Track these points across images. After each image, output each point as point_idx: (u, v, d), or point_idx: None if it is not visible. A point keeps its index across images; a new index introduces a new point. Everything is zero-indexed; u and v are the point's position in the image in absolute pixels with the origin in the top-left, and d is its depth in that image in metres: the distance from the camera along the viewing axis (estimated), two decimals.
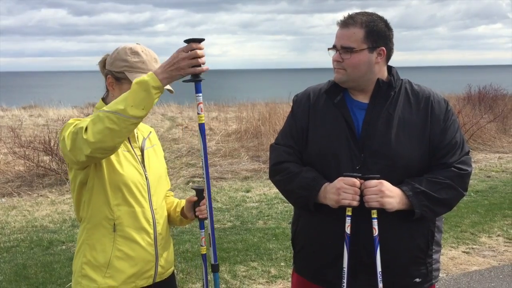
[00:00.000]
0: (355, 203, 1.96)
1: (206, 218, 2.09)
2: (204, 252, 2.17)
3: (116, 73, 1.99)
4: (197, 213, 2.14)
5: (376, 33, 2.02)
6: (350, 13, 2.08)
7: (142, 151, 2.07)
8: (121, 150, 1.97)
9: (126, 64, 1.97)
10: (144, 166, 2.04)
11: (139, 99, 1.69)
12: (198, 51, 1.76)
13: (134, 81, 1.72)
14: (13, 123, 12.96)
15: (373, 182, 1.96)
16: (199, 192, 2.09)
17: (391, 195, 1.95)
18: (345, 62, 2.04)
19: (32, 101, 18.67)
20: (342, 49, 2.03)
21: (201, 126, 1.97)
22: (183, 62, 1.73)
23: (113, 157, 1.93)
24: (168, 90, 1.93)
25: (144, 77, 1.72)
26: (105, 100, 2.05)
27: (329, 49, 2.10)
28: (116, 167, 1.94)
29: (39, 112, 16.20)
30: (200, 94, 1.92)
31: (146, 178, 2.03)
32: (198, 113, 1.95)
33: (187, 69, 1.75)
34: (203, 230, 2.15)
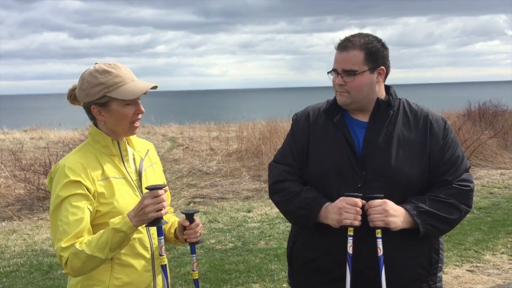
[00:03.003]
0: (357, 223, 1.96)
1: (196, 243, 2.05)
2: (196, 277, 2.10)
3: (97, 100, 1.90)
4: (184, 237, 2.07)
5: (375, 53, 2.05)
6: (346, 36, 2.09)
7: (140, 174, 2.02)
8: (115, 178, 1.93)
9: (103, 87, 1.88)
10: (141, 191, 1.99)
11: (118, 243, 1.81)
12: (162, 197, 1.87)
13: (111, 227, 1.80)
14: (14, 146, 12.96)
15: (377, 201, 1.96)
16: (189, 216, 2.05)
17: (395, 214, 1.96)
18: (348, 85, 2.05)
19: (33, 123, 18.69)
20: (344, 73, 2.05)
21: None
22: (148, 208, 1.82)
23: (107, 189, 1.89)
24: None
25: (121, 226, 1.80)
26: (98, 126, 1.98)
27: (328, 72, 2.12)
28: (112, 201, 1.89)
29: (40, 134, 16.21)
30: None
31: None
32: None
33: (152, 214, 1.83)
34: (194, 255, 2.09)
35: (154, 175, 2.10)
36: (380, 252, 1.98)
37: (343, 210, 1.96)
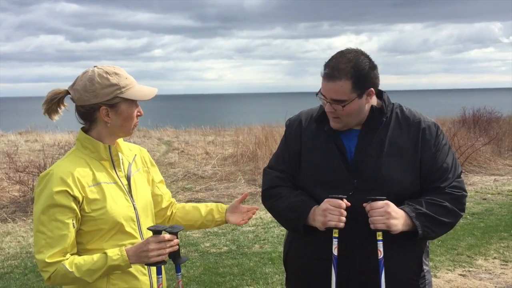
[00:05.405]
0: (341, 225, 1.96)
1: (182, 261, 1.96)
2: None
3: (108, 101, 1.90)
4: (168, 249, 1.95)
5: (362, 78, 1.99)
6: (333, 63, 2.00)
7: (128, 179, 2.02)
8: (106, 184, 1.92)
9: (115, 88, 1.90)
10: (131, 196, 1.99)
11: (109, 274, 1.88)
12: (168, 243, 1.87)
13: (109, 263, 1.83)
14: (8, 149, 12.93)
15: (380, 203, 1.96)
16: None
17: (396, 216, 1.95)
18: (338, 112, 2.03)
19: (28, 126, 18.63)
20: (333, 102, 2.02)
21: None
22: (152, 252, 1.85)
23: (99, 195, 1.89)
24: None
25: (118, 263, 1.84)
26: (89, 133, 1.97)
27: (316, 94, 2.08)
28: (104, 206, 1.88)
29: (35, 137, 16.17)
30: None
31: (135, 207, 1.98)
32: None
33: (154, 258, 1.85)
34: (179, 273, 2.01)
35: (142, 178, 2.10)
36: (381, 255, 1.98)
37: (327, 212, 1.96)
